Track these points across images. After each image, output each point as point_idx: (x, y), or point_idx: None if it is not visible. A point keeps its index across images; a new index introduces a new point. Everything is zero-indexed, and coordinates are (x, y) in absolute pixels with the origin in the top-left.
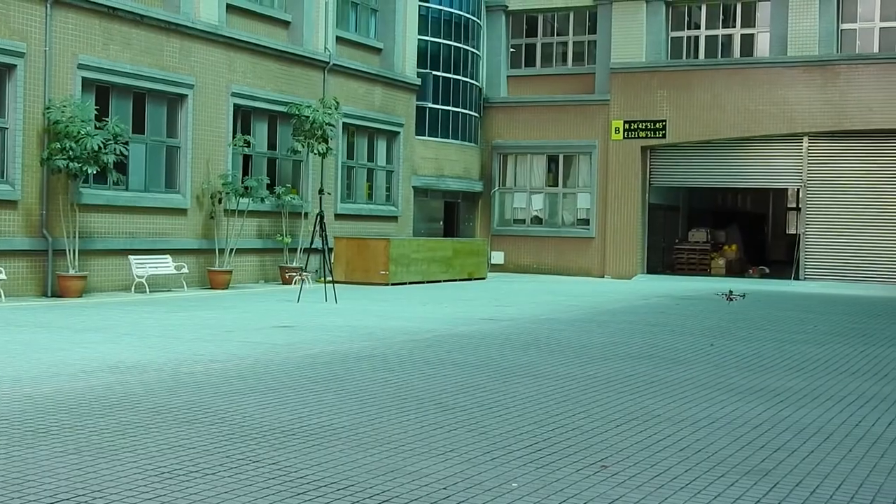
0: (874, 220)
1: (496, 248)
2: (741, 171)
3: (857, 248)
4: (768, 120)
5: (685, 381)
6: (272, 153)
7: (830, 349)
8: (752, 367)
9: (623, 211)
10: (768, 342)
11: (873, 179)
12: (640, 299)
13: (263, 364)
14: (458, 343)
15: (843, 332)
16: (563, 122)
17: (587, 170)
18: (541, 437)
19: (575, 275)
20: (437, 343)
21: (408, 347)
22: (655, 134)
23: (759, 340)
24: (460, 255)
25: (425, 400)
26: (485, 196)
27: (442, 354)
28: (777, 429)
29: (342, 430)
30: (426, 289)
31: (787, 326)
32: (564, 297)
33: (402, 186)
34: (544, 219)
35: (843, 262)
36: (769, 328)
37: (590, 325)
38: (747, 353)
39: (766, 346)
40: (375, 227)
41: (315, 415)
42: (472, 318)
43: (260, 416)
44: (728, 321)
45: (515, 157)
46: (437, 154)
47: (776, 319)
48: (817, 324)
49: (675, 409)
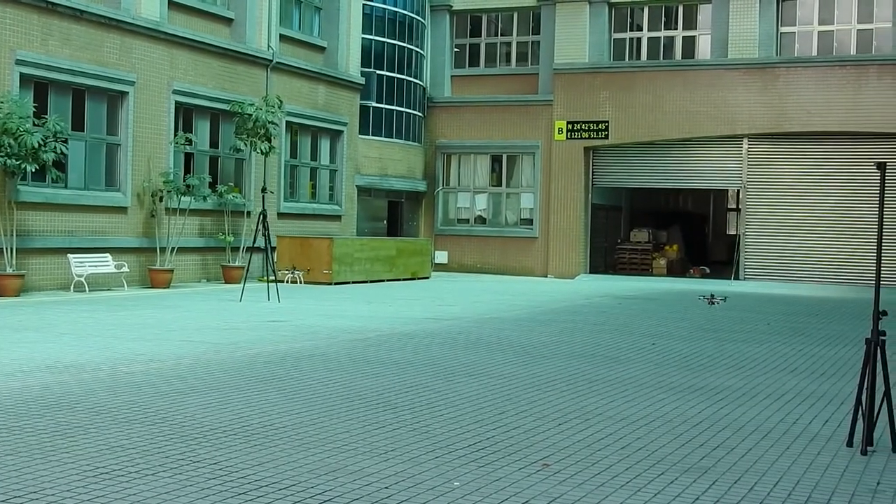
0: (812, 222)
1: (440, 248)
2: (683, 172)
3: (795, 249)
4: (709, 121)
5: (626, 380)
6: (214, 151)
7: (769, 348)
8: (693, 366)
9: (566, 211)
10: (708, 341)
11: (811, 181)
12: (583, 299)
13: (205, 364)
14: (402, 342)
15: (781, 330)
16: (506, 122)
17: (530, 170)
18: (483, 436)
19: (518, 274)
20: (380, 342)
21: (351, 347)
22: (598, 135)
23: (699, 339)
24: (404, 255)
25: (368, 399)
26: (428, 195)
27: (385, 354)
28: (716, 427)
29: (284, 430)
30: (370, 288)
31: (727, 325)
32: (508, 297)
33: (346, 185)
34: (488, 218)
35: (782, 263)
36: (709, 327)
37: (533, 325)
38: (688, 351)
39: (706, 345)
40: (319, 226)
41: (257, 414)
42: (416, 318)
43: (201, 416)
44: (669, 321)
45: (459, 156)
46: (380, 153)
47: (716, 319)
48: (757, 323)
49: (616, 408)
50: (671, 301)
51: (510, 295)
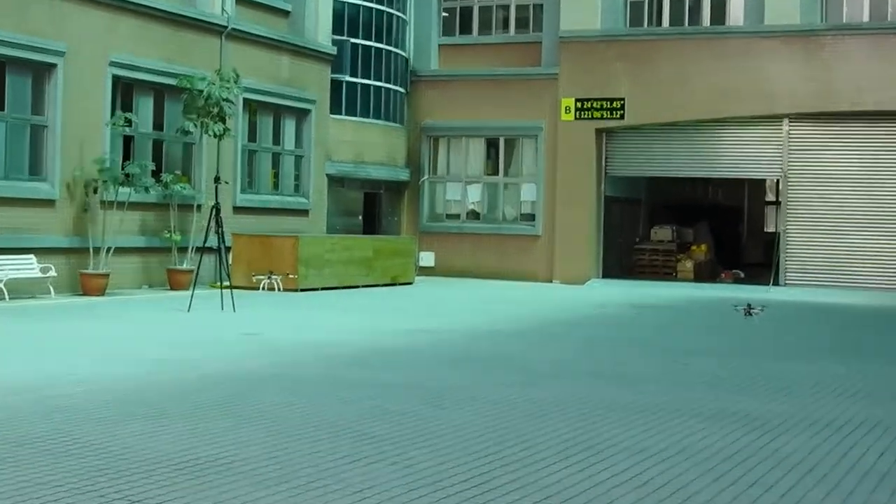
0: (865, 217)
1: (426, 248)
2: (712, 159)
3: (846, 250)
4: (743, 99)
5: (647, 405)
6: (159, 134)
7: (817, 367)
8: (726, 388)
9: (574, 204)
10: (746, 358)
11: (864, 169)
12: (595, 308)
13: (146, 385)
14: (381, 360)
15: (831, 346)
16: (504, 99)
17: (532, 156)
18: (476, 472)
19: (518, 279)
20: (354, 360)
21: (321, 365)
22: (612, 114)
23: (733, 356)
24: (383, 256)
25: (340, 428)
26: (412, 186)
27: (360, 374)
28: (753, 460)
29: (240, 464)
30: (342, 295)
31: (766, 340)
32: (506, 306)
33: (314, 174)
34: (482, 213)
35: (830, 266)
36: (745, 342)
37: (535, 339)
38: (720, 371)
39: (741, 363)
40: (282, 222)
41: (208, 446)
42: (397, 331)
43: (141, 448)
44: (697, 334)
45: (448, 140)
46: (355, 136)
47: (754, 332)
48: (801, 337)
49: (634, 438)
50: (699, 311)
51: (508, 304)
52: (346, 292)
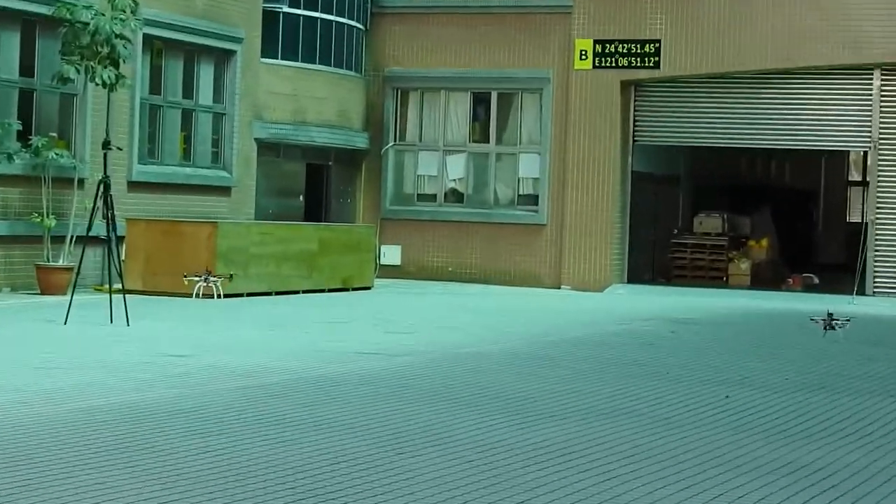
0: None
1: (390, 241)
2: (777, 125)
3: None
4: (819, 44)
5: (683, 454)
6: (27, 82)
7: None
8: (791, 433)
9: (591, 184)
10: (814, 392)
11: None
12: (617, 324)
13: (6, 424)
14: (324, 391)
15: None
16: (497, 40)
17: (535, 117)
18: None
19: (515, 284)
20: (288, 391)
21: (241, 398)
22: (644, 62)
23: (800, 389)
24: (332, 251)
25: (270, 481)
26: (372, 156)
27: (297, 410)
28: None
29: None
30: (275, 304)
31: (844, 368)
32: (497, 319)
33: (239, 139)
34: (467, 194)
35: None
36: (816, 370)
37: (535, 364)
38: (781, 409)
39: (812, 400)
40: (195, 203)
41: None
42: (348, 352)
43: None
44: (754, 360)
45: (421, 94)
46: (296, 88)
47: (826, 356)
48: (890, 365)
49: (666, 499)
50: (758, 328)
51: (501, 316)
52: (280, 300)
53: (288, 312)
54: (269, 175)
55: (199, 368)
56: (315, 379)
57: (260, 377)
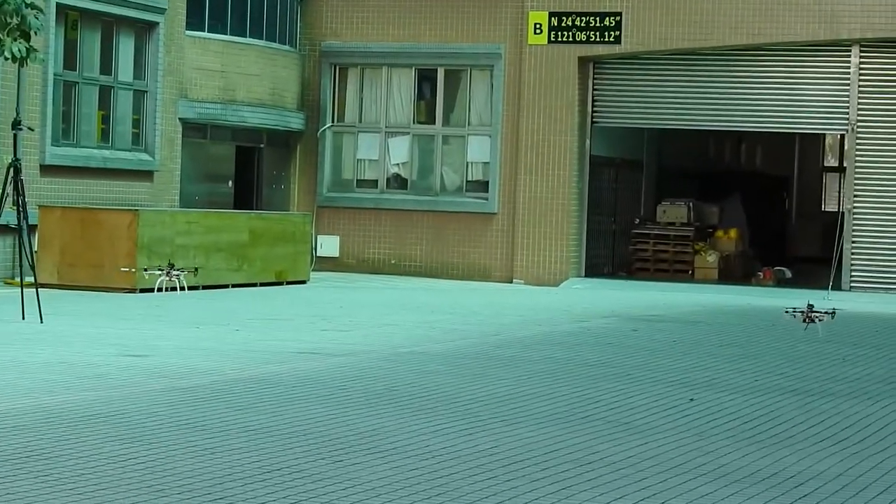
0: None
1: (327, 230)
2: (748, 105)
3: None
4: (794, 18)
5: (645, 461)
6: None
7: (889, 408)
8: (760, 439)
9: (547, 169)
10: (785, 395)
11: None
12: (573, 321)
13: None
14: (257, 394)
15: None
16: (446, 11)
17: (485, 96)
18: None
19: (464, 278)
20: (218, 393)
21: (166, 402)
22: (603, 37)
23: (771, 392)
24: (264, 242)
25: (196, 491)
26: (308, 139)
27: (226, 414)
28: None
29: None
30: (203, 299)
31: (817, 369)
32: (443, 317)
33: (163, 119)
34: (411, 180)
35: None
36: (787, 372)
37: (485, 365)
38: (750, 412)
39: (782, 402)
40: (114, 189)
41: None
42: (283, 352)
43: None
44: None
45: (362, 71)
46: (224, 64)
47: (798, 357)
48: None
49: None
50: (726, 325)
51: (448, 313)
52: (208, 294)
53: (217, 308)
54: (196, 158)
55: (120, 369)
56: (246, 380)
57: (186, 379)
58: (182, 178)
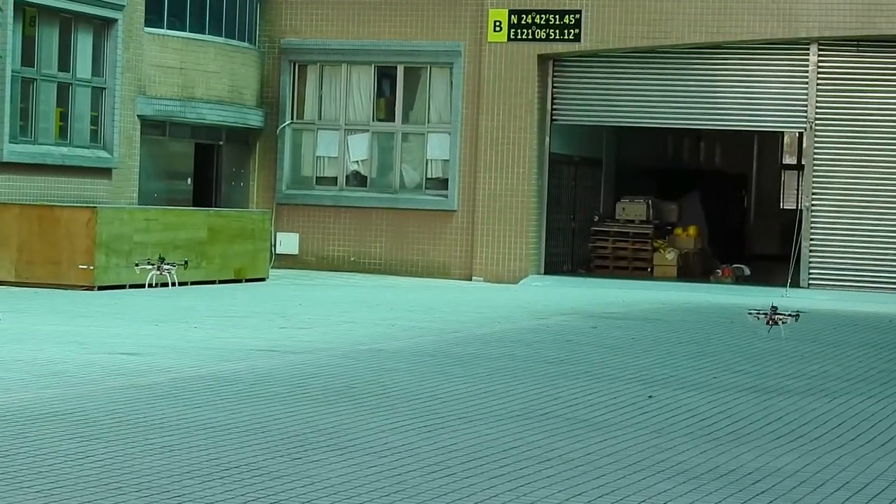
0: None
1: (286, 228)
2: (707, 103)
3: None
4: (753, 16)
5: (604, 458)
6: None
7: (846, 405)
8: (719, 436)
9: (506, 166)
10: (743, 392)
11: None
12: (532, 319)
13: None
14: (216, 392)
15: (867, 376)
16: (405, 9)
17: (445, 94)
18: None
19: (423, 275)
20: (176, 391)
21: (124, 399)
22: (563, 34)
23: (729, 389)
24: (223, 239)
25: (155, 489)
26: (268, 136)
27: (185, 412)
28: None
29: None
30: (162, 295)
31: (775, 367)
32: (403, 314)
33: (121, 117)
34: (371, 177)
35: (876, 261)
36: (747, 369)
37: (444, 363)
38: (709, 409)
39: (740, 400)
40: (72, 186)
41: None
42: (241, 349)
43: None
44: (680, 358)
45: (321, 68)
46: (183, 61)
47: (757, 355)
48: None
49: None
50: (684, 323)
51: (407, 311)
52: (166, 291)
53: (175, 306)
54: (154, 156)
55: (78, 367)
56: (205, 378)
57: (144, 376)
58: (141, 175)
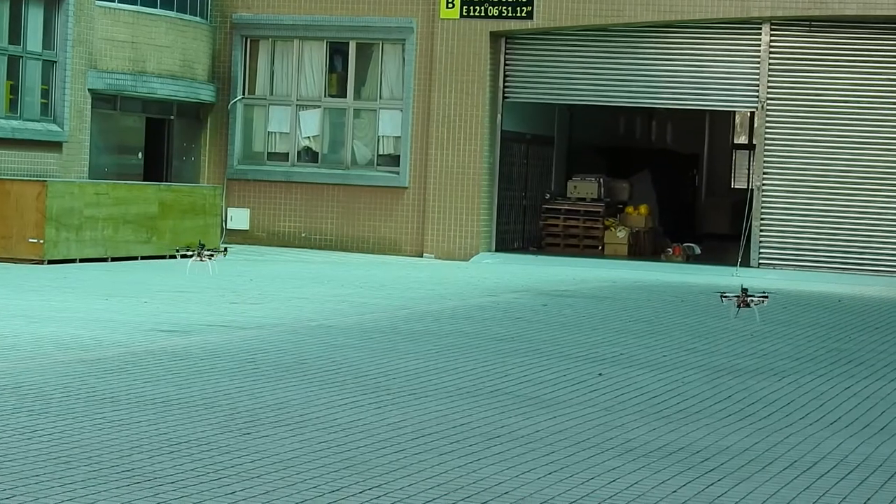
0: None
1: (237, 203)
2: (658, 82)
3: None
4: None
5: (553, 435)
6: None
7: (796, 384)
8: (668, 414)
9: (458, 144)
10: (692, 371)
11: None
12: (483, 296)
13: None
14: (165, 366)
15: (816, 355)
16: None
17: (397, 70)
18: None
19: (374, 252)
20: (125, 365)
21: (74, 373)
22: (515, 12)
23: (678, 368)
24: (174, 214)
25: (104, 463)
26: (219, 111)
27: (134, 386)
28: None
29: None
30: (112, 270)
31: (726, 346)
32: (353, 290)
33: (72, 90)
34: (322, 153)
35: (827, 239)
36: (697, 348)
37: (394, 339)
38: (658, 388)
39: (690, 378)
40: (22, 159)
41: None
42: (191, 324)
43: None
44: (630, 336)
45: (273, 43)
46: (134, 35)
47: (707, 333)
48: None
49: (534, 484)
50: (635, 301)
51: (357, 287)
52: (117, 266)
53: (125, 280)
54: (105, 130)
55: (26, 341)
56: (154, 353)
57: (94, 350)
58: (91, 149)
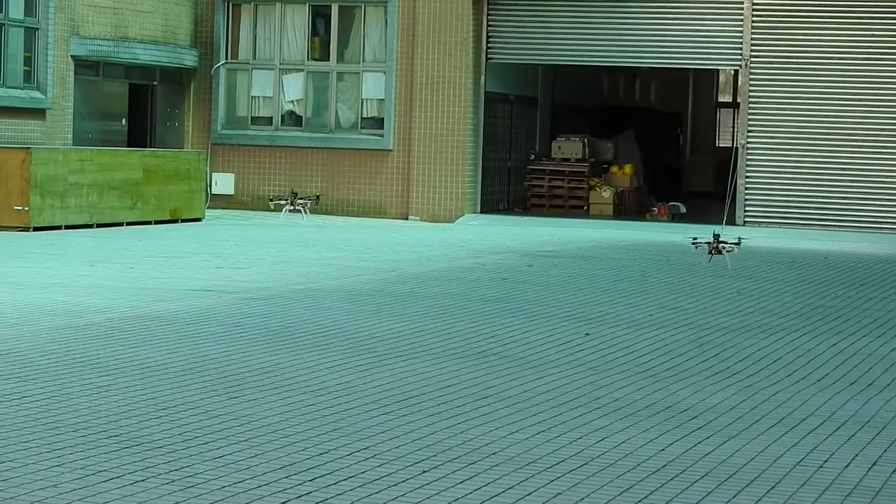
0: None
1: (221, 168)
2: (641, 41)
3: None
4: None
5: (541, 395)
6: None
7: (783, 341)
8: (655, 373)
9: (442, 106)
10: (681, 329)
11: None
12: (469, 257)
13: None
14: (152, 332)
15: (802, 312)
16: None
17: (380, 32)
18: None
19: (359, 215)
20: (112, 331)
21: (62, 339)
22: None
23: (665, 327)
24: (158, 180)
25: (92, 428)
26: (202, 76)
27: (122, 352)
28: (690, 474)
29: None
30: (97, 236)
31: (711, 304)
32: (339, 254)
33: (55, 57)
34: (305, 117)
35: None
36: (683, 307)
37: (381, 301)
38: (645, 347)
39: (677, 337)
40: (6, 127)
41: None
42: (177, 289)
43: None
44: (616, 295)
45: (255, 7)
46: (116, 1)
47: (693, 292)
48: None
49: (522, 443)
50: (621, 261)
51: (343, 251)
52: (102, 232)
53: (111, 246)
54: (88, 96)
55: (14, 308)
56: (141, 318)
57: (81, 317)
58: (75, 116)
